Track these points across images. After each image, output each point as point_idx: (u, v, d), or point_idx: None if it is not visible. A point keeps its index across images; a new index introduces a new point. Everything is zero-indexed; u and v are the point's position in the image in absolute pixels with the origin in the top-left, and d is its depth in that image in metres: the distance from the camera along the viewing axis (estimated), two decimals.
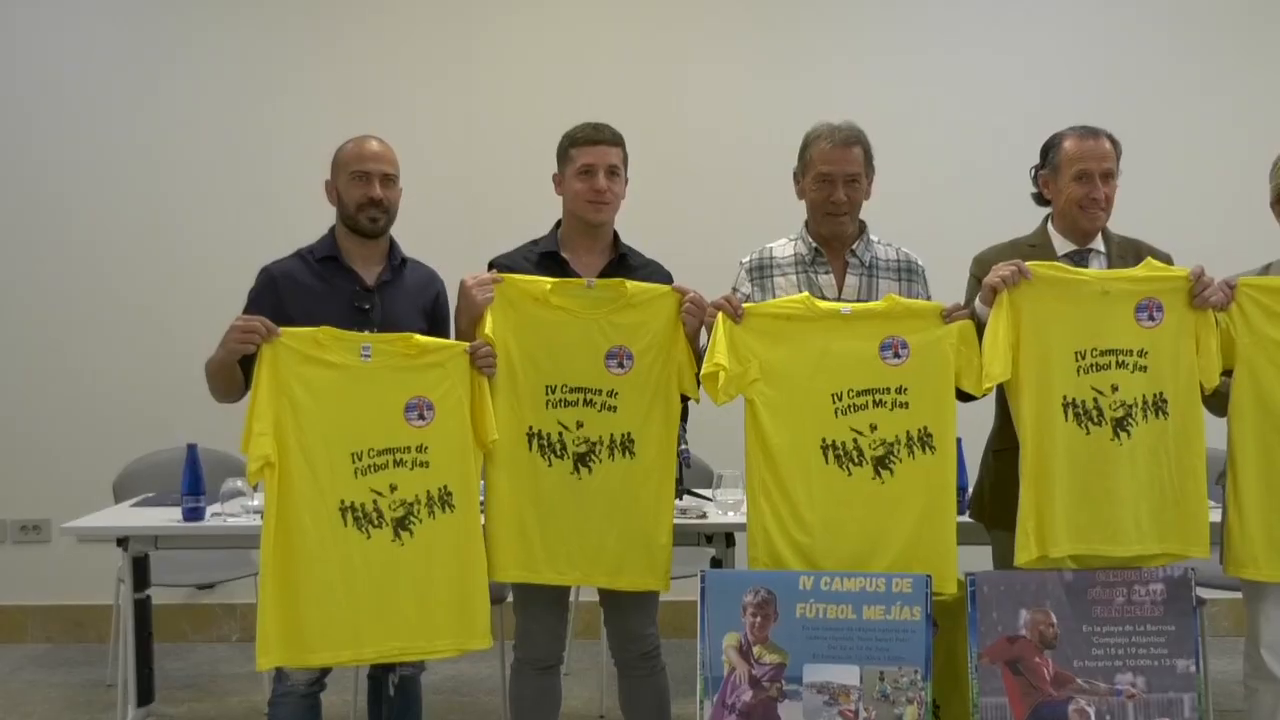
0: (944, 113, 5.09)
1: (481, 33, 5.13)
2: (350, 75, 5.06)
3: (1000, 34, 5.17)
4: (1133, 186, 3.12)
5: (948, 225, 4.30)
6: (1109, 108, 3.63)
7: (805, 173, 3.06)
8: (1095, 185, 2.92)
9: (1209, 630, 4.11)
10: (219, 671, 4.64)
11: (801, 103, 3.67)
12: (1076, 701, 2.75)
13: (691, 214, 4.96)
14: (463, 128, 5.09)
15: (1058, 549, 2.75)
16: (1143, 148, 3.49)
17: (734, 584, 2.80)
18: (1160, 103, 5.07)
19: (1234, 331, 2.79)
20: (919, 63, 5.13)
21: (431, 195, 4.23)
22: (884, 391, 2.82)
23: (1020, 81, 5.10)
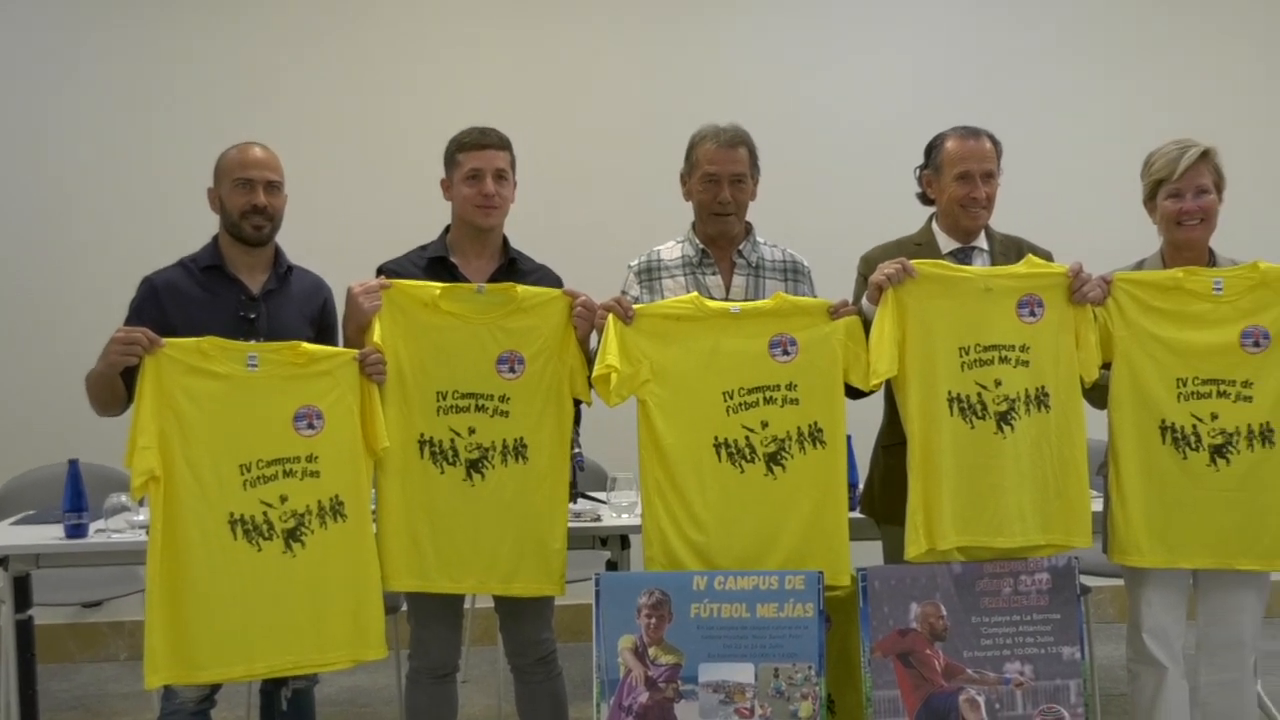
0: (830, 114, 5.31)
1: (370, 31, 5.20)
2: (240, 80, 5.10)
3: (885, 35, 5.41)
4: (1014, 185, 3.31)
5: (834, 225, 4.49)
6: (990, 107, 3.87)
7: (691, 174, 3.20)
8: (976, 185, 3.09)
9: (1095, 617, 4.34)
10: (106, 691, 4.66)
11: (689, 105, 3.79)
12: (967, 691, 2.91)
13: (584, 217, 5.11)
14: (343, 130, 5.16)
15: (945, 542, 2.91)
16: (1023, 147, 3.69)
17: (628, 586, 2.92)
18: (1040, 102, 5.36)
19: (1111, 326, 2.97)
20: (806, 64, 5.34)
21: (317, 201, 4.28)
22: (774, 388, 2.96)
23: (904, 82, 5.34)
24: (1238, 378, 2.93)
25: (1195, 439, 2.93)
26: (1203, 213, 2.97)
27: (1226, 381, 2.93)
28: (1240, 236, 3.27)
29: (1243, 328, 2.93)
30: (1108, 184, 3.53)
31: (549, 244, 3.33)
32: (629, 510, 3.44)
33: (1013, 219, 3.29)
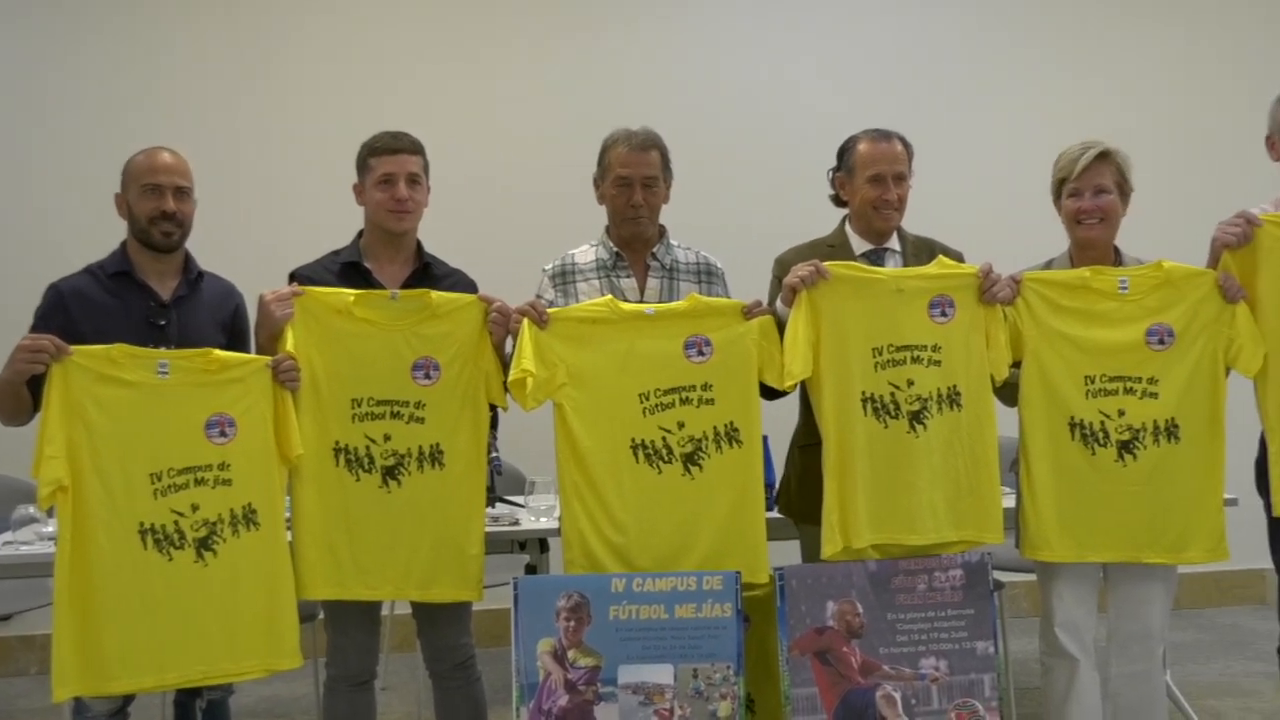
0: (742, 115, 5.43)
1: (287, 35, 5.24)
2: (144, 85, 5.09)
3: (795, 37, 5.54)
4: (925, 186, 3.40)
5: (748, 227, 4.58)
6: (904, 109, 3.97)
7: (604, 177, 3.26)
8: (888, 187, 3.17)
9: (1010, 611, 4.46)
10: (16, 706, 4.63)
11: (599, 109, 3.86)
12: (883, 688, 2.99)
13: (499, 222, 5.20)
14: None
15: (861, 540, 2.99)
16: (936, 147, 3.80)
17: (547, 589, 2.97)
18: (952, 103, 5.54)
19: (1021, 325, 3.07)
20: (716, 67, 5.47)
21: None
22: (690, 389, 3.03)
23: (818, 84, 5.47)
24: (1144, 375, 3.03)
25: (1103, 435, 3.03)
26: (1101, 212, 3.07)
27: (1133, 378, 3.04)
28: (1153, 235, 3.38)
29: (1148, 326, 3.03)
30: (1021, 183, 3.63)
31: (463, 249, 3.36)
32: (548, 514, 3.48)
33: (925, 220, 3.38)
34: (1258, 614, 4.13)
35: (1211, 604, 5.64)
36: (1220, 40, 5.80)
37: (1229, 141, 4.15)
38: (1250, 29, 5.80)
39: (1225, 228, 3.02)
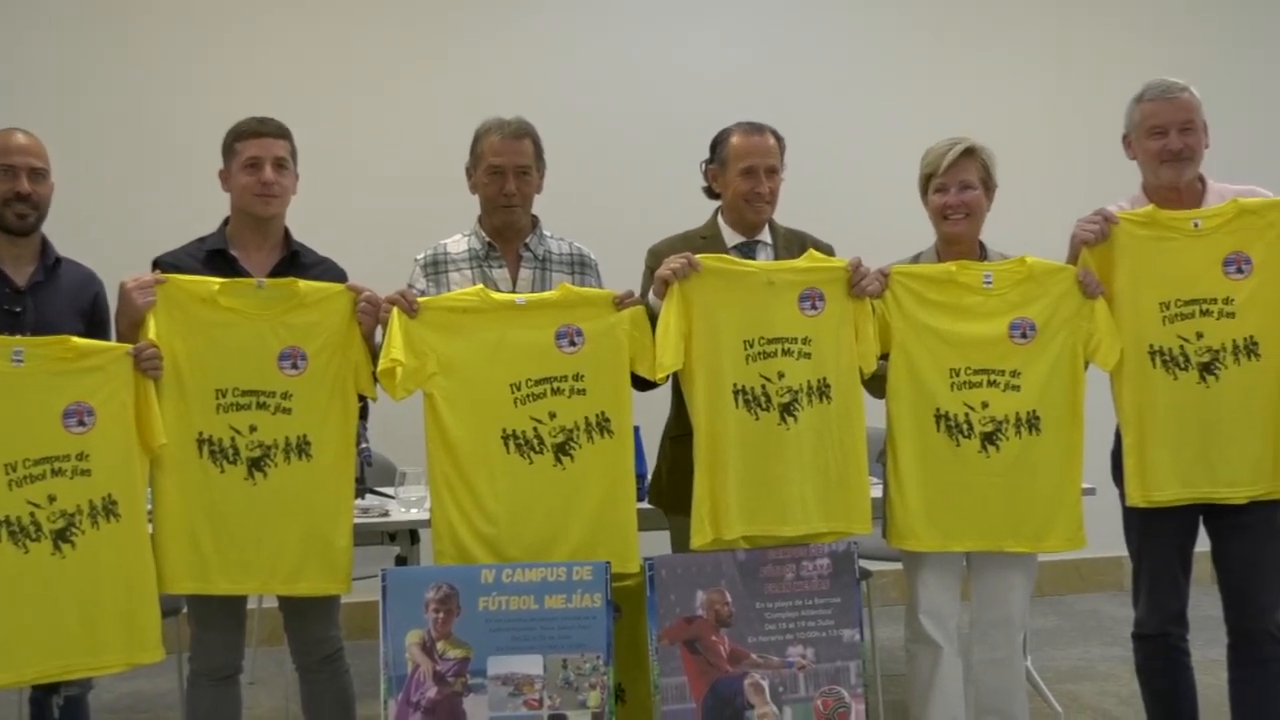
0: (615, 105, 5.52)
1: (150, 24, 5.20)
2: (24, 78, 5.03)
3: (675, 32, 5.66)
4: (800, 178, 3.51)
5: (622, 218, 4.66)
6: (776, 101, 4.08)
7: (476, 167, 3.31)
8: (760, 180, 3.27)
9: (878, 600, 4.63)
10: None
11: (479, 100, 3.91)
12: (751, 676, 3.09)
13: (370, 211, 5.23)
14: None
15: (731, 531, 3.08)
16: (808, 141, 3.91)
17: (415, 581, 3.02)
18: (824, 98, 5.69)
19: (889, 317, 3.18)
20: (591, 58, 5.55)
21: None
22: (561, 379, 3.09)
23: (690, 75, 5.57)
24: (1007, 367, 3.17)
25: (968, 427, 3.17)
26: (966, 208, 3.20)
27: (996, 371, 3.17)
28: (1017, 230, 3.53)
29: (1011, 320, 3.17)
30: (889, 176, 3.76)
31: (334, 237, 3.39)
32: (418, 505, 3.53)
33: (800, 214, 3.49)
34: (1116, 600, 4.34)
35: (1073, 591, 5.88)
36: (1083, 41, 6.03)
37: (1090, 139, 4.33)
38: (1113, 31, 6.05)
39: (1084, 225, 3.17)
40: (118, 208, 4.97)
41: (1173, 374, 3.14)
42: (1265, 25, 6.22)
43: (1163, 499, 3.14)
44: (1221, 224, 3.13)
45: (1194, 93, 3.21)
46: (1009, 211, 3.42)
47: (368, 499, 3.58)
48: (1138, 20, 6.05)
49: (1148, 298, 3.15)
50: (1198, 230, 3.14)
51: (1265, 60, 6.21)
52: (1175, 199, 3.22)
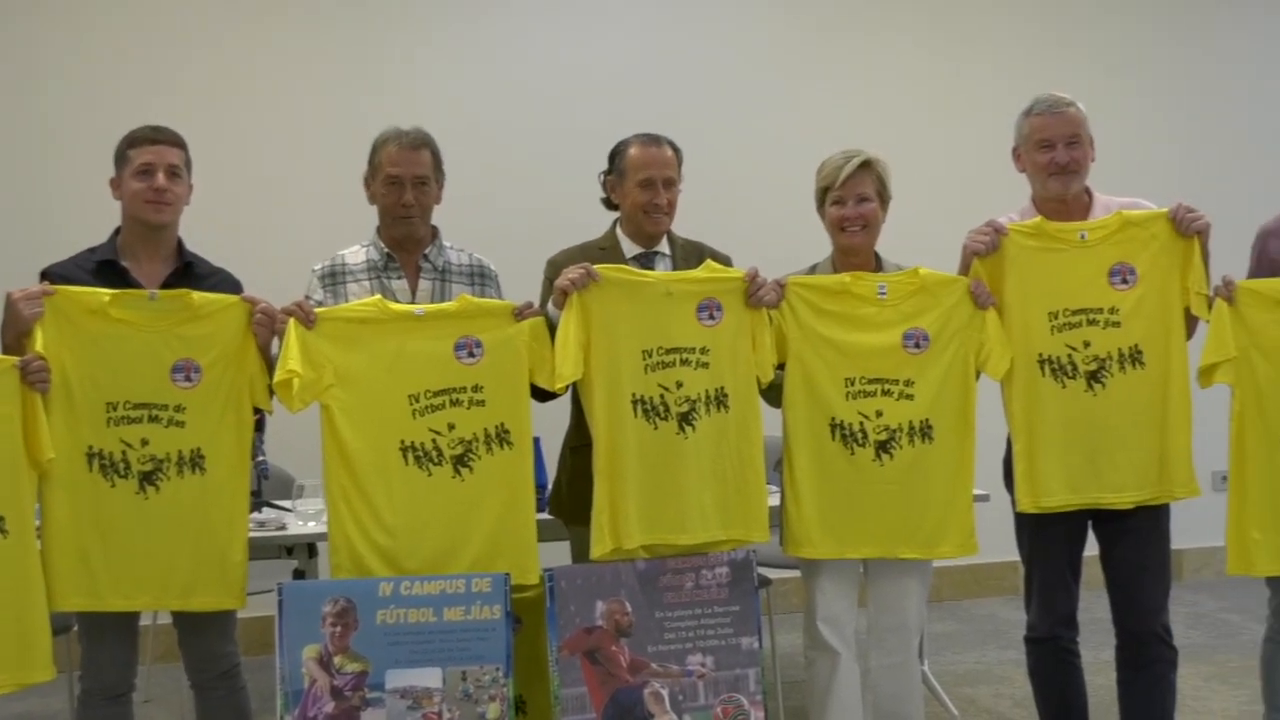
0: (514, 115, 5.57)
1: None
2: None
3: (569, 36, 5.72)
4: (699, 190, 3.58)
5: (521, 228, 4.72)
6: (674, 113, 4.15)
7: (374, 177, 3.34)
8: (658, 192, 3.34)
9: (779, 607, 4.70)
10: None
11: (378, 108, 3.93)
12: (651, 685, 3.14)
13: (266, 220, 5.23)
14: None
15: (631, 541, 3.14)
16: (708, 153, 4.00)
17: (312, 595, 3.03)
18: (724, 109, 5.78)
19: (785, 328, 3.26)
20: (486, 64, 5.59)
21: None
22: (460, 390, 3.13)
23: (589, 86, 5.64)
24: (900, 377, 3.26)
25: (862, 435, 3.25)
26: (862, 219, 3.29)
27: (890, 381, 3.26)
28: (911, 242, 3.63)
29: (904, 330, 3.26)
30: (786, 187, 3.84)
31: (230, 247, 3.39)
32: (316, 517, 3.54)
33: (696, 224, 3.58)
34: (1013, 604, 4.46)
35: (970, 595, 6.03)
36: (975, 55, 6.20)
37: (980, 152, 4.47)
38: (1003, 45, 6.23)
39: (975, 236, 3.27)
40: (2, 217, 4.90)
41: (1061, 382, 3.25)
42: (1151, 40, 6.48)
43: (1052, 504, 3.25)
44: (1107, 235, 3.25)
45: (1081, 107, 3.33)
46: (903, 223, 3.50)
47: (264, 512, 3.58)
48: (1028, 35, 6.25)
49: (1036, 308, 3.26)
50: (1084, 242, 3.25)
51: (1152, 75, 6.47)
52: (1063, 211, 3.33)
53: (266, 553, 3.39)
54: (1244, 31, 6.61)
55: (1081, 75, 5.73)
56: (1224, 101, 6.52)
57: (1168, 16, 6.47)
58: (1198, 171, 6.02)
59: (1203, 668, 4.89)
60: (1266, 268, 3.35)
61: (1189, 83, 6.49)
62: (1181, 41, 6.49)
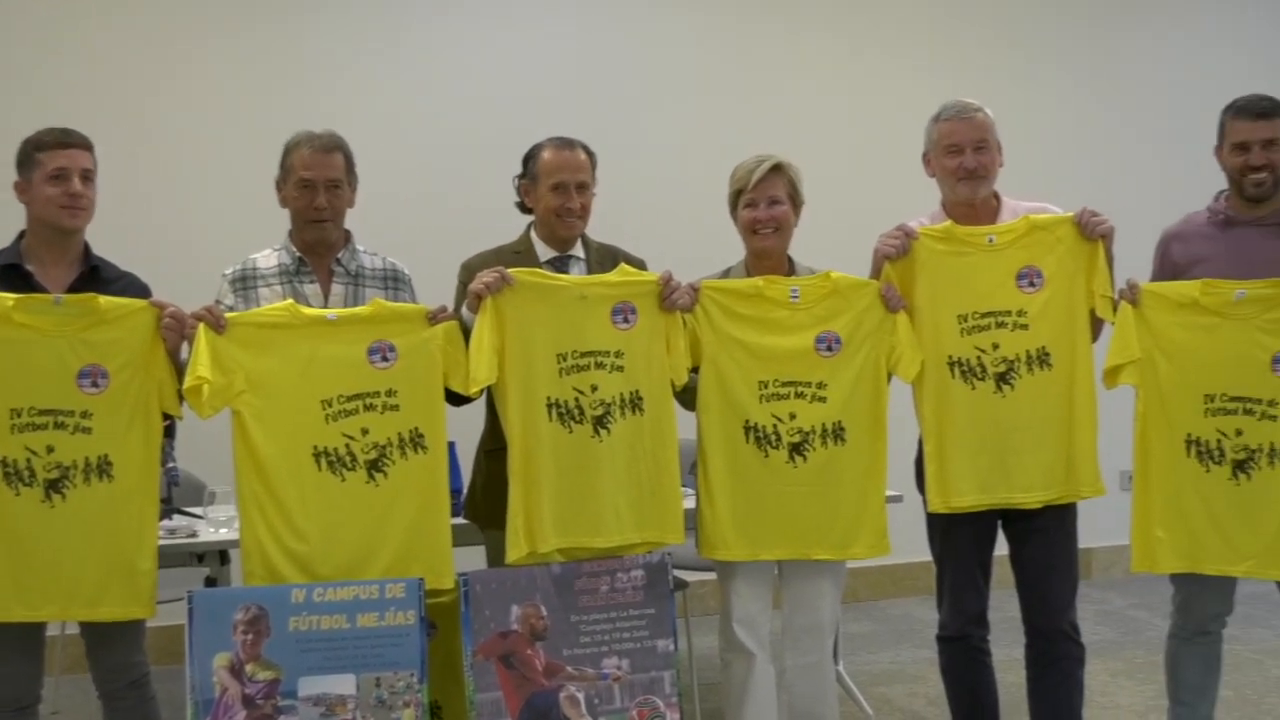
0: (427, 118, 5.58)
1: None
2: None
3: (484, 39, 5.73)
4: (614, 193, 3.62)
5: (435, 232, 4.72)
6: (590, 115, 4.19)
7: (286, 180, 3.34)
8: (570, 196, 3.37)
9: (697, 609, 4.77)
10: None
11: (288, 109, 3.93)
12: (567, 689, 3.17)
13: (176, 223, 5.18)
14: None
15: (546, 544, 3.16)
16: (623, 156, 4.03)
17: (223, 602, 3.02)
18: (637, 111, 5.83)
19: (699, 331, 3.30)
20: (401, 67, 5.60)
21: None
22: (374, 395, 3.13)
23: (504, 89, 5.67)
24: (813, 380, 3.32)
25: (776, 438, 3.30)
26: (775, 222, 3.34)
27: (803, 383, 3.32)
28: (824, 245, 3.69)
29: (817, 333, 3.32)
30: (703, 192, 3.89)
31: (138, 251, 3.38)
32: (228, 524, 3.52)
33: (609, 227, 3.61)
34: (927, 604, 4.54)
35: (886, 595, 6.12)
36: (886, 61, 6.30)
37: (891, 156, 4.56)
38: (914, 50, 6.33)
39: (886, 240, 3.34)
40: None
41: (970, 384, 3.32)
42: (1059, 47, 6.63)
43: (962, 505, 3.32)
44: (1014, 239, 3.33)
45: (988, 113, 3.40)
46: (815, 226, 3.56)
47: (175, 519, 3.56)
48: (938, 40, 6.35)
49: (946, 310, 3.33)
50: (992, 245, 3.33)
51: (1060, 82, 6.62)
52: (971, 215, 3.41)
53: (177, 560, 3.37)
54: (1150, 38, 6.80)
55: (992, 80, 5.91)
56: (1130, 108, 6.69)
57: (1076, 24, 6.64)
58: (1103, 176, 6.17)
59: (1111, 663, 5.03)
60: (1169, 271, 3.45)
61: (1095, 89, 6.66)
62: (1088, 49, 6.67)
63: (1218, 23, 6.84)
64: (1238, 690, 4.59)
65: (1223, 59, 6.63)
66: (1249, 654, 5.05)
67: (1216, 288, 3.23)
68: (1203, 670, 3.49)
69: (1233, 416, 3.23)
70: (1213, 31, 6.82)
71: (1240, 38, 6.84)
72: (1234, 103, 3.39)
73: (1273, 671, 4.75)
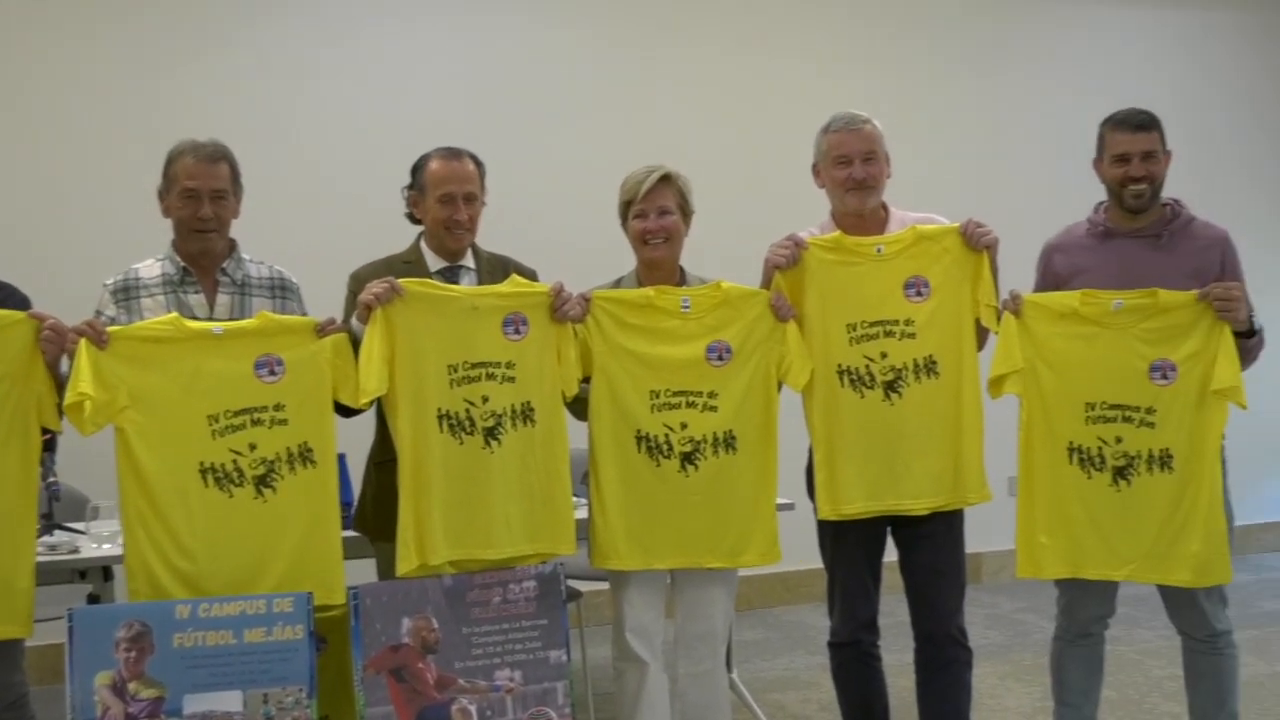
0: (317, 127, 5.58)
1: None
2: None
3: (375, 46, 5.73)
4: (503, 204, 3.65)
5: (325, 241, 4.73)
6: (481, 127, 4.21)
7: (170, 190, 3.32)
8: (458, 207, 3.39)
9: (593, 619, 4.80)
10: None
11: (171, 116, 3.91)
12: (459, 701, 3.18)
13: (57, 232, 5.13)
14: None
15: (437, 557, 3.18)
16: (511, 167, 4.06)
17: (105, 620, 2.99)
18: (527, 120, 5.87)
19: (590, 342, 3.33)
20: (290, 77, 5.58)
21: None
22: (261, 410, 3.12)
23: (396, 101, 5.68)
24: (704, 389, 3.36)
25: (668, 447, 3.35)
26: (665, 232, 3.39)
27: (694, 393, 3.36)
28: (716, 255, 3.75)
29: (708, 343, 3.37)
30: (594, 203, 3.92)
31: (16, 261, 3.34)
32: (111, 540, 3.49)
33: (502, 237, 3.64)
34: (819, 610, 4.61)
35: (780, 603, 6.19)
36: (778, 73, 6.37)
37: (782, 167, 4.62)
38: (804, 62, 6.41)
39: (776, 250, 3.40)
40: None
41: (860, 392, 3.39)
42: (946, 59, 6.75)
43: (852, 512, 3.40)
44: (902, 249, 3.41)
45: (876, 125, 3.48)
46: (707, 236, 3.61)
47: (56, 535, 3.51)
48: (827, 53, 6.45)
49: (835, 320, 3.40)
50: (880, 255, 3.40)
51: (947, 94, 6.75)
52: (860, 225, 3.48)
53: (58, 577, 3.33)
54: (1034, 52, 6.94)
55: (880, 92, 6.02)
56: (1015, 121, 6.84)
57: (961, 38, 6.76)
58: (989, 187, 6.34)
59: (999, 666, 5.15)
60: (1051, 282, 3.54)
61: (981, 103, 6.80)
62: (974, 63, 6.79)
63: (1101, 36, 7.02)
64: (1120, 690, 4.73)
65: (1107, 72, 6.83)
66: (1131, 655, 5.20)
67: (1095, 298, 3.32)
68: (1086, 671, 3.60)
69: (1113, 424, 3.32)
70: (1096, 45, 7.01)
71: (1124, 51, 7.04)
72: (1113, 115, 3.48)
73: (1154, 672, 4.88)
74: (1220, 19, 7.24)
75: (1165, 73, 6.95)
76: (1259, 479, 7.04)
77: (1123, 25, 7.02)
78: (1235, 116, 7.21)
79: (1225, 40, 7.26)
